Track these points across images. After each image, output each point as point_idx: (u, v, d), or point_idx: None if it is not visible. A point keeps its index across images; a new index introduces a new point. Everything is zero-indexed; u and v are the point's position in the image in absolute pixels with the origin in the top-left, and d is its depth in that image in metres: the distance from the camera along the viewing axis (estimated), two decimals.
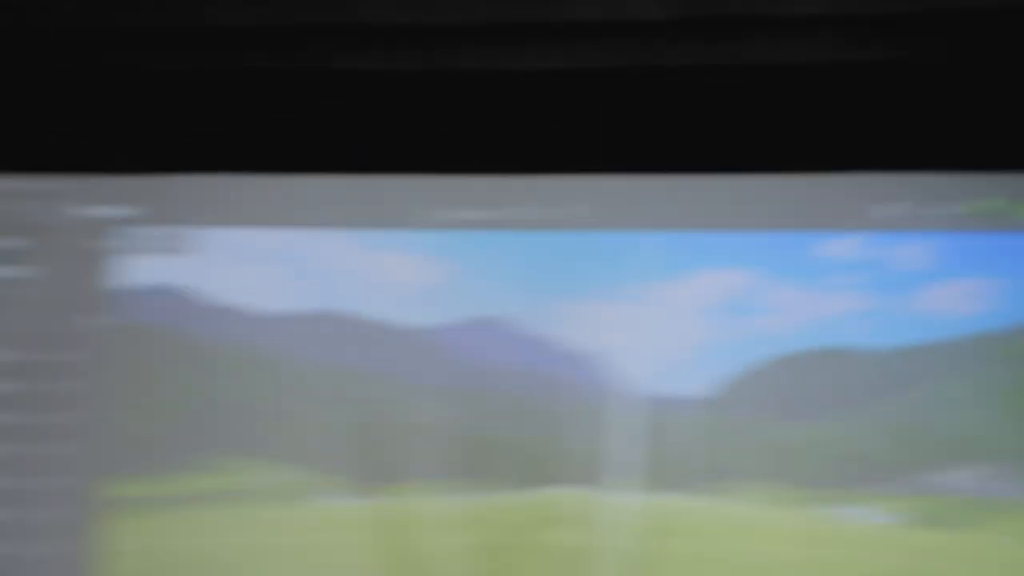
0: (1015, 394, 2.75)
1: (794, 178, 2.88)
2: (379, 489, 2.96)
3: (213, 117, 2.97)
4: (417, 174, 2.95)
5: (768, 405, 2.90)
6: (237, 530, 2.98)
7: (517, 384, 2.97)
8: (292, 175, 2.94)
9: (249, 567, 2.97)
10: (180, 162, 2.95)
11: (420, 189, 2.97)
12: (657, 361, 2.92)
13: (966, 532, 2.75)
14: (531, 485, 2.94)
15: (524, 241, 2.98)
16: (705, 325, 2.92)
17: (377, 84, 2.95)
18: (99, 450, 2.97)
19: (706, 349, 2.92)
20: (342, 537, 2.96)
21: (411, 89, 2.94)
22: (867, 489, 2.82)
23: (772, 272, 2.91)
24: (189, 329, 3.02)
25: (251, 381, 3.00)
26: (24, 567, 2.94)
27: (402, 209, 2.97)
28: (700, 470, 2.89)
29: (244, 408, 2.99)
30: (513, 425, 2.97)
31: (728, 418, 2.90)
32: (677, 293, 2.93)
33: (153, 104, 2.98)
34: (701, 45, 2.85)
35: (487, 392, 2.98)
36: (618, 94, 2.94)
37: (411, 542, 2.93)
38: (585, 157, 2.92)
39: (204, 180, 2.98)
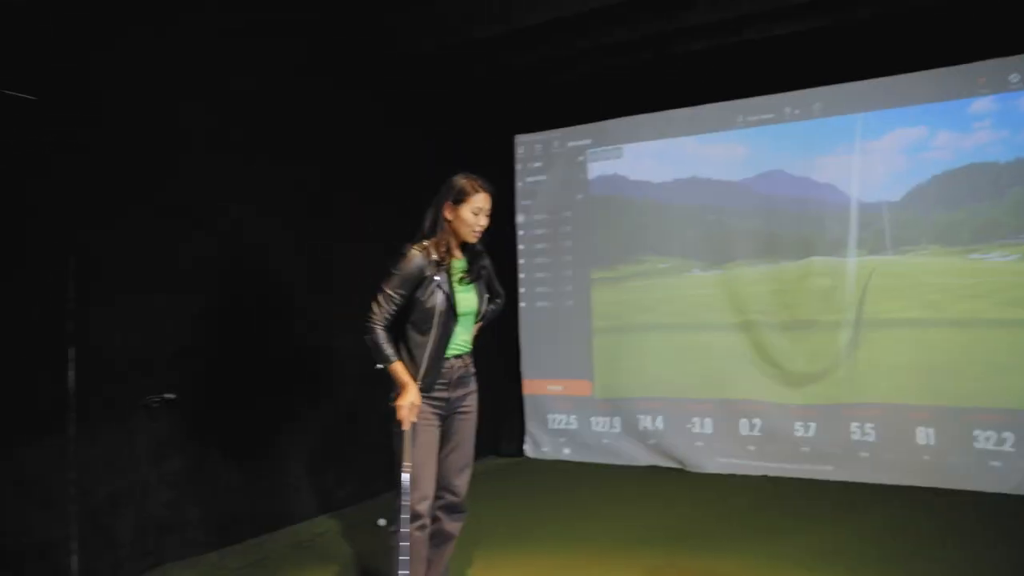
0: None
1: None
2: (719, 265, 5.68)
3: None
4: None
5: (936, 200, 5.01)
6: (652, 290, 5.94)
7: (792, 204, 5.43)
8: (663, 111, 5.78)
9: (661, 307, 5.90)
10: (610, 112, 5.96)
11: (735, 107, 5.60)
12: (871, 183, 5.17)
13: None
14: (801, 257, 5.41)
15: (791, 128, 5.42)
16: (898, 160, 5.10)
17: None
18: (585, 253, 6.15)
19: (899, 173, 5.10)
20: (702, 291, 5.75)
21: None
22: (1000, 242, 4.80)
23: (935, 125, 5.00)
24: (624, 194, 6.01)
25: (654, 213, 5.91)
26: (553, 313, 6.25)
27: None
28: (895, 241, 5.11)
29: (651, 227, 5.91)
30: (792, 225, 5.43)
31: (913, 209, 5.07)
32: (880, 144, 5.15)
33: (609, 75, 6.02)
34: None
35: (776, 209, 5.49)
36: None
37: (738, 291, 5.61)
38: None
39: (624, 119, 5.94)
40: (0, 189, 3.22)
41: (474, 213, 2.91)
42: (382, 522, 4.17)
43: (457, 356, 3.02)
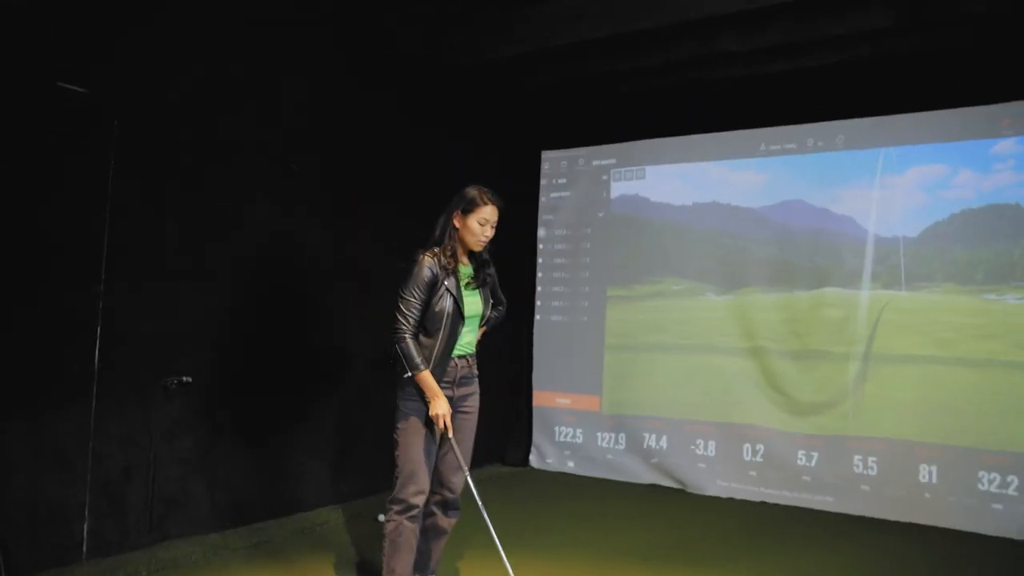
0: None
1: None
2: (733, 291, 5.74)
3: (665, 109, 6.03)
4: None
5: (953, 239, 5.02)
6: (666, 311, 6.00)
7: (809, 234, 5.48)
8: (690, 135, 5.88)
9: (673, 328, 5.96)
10: (636, 133, 6.07)
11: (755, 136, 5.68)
12: (889, 217, 5.20)
13: None
14: (815, 287, 5.45)
15: (812, 159, 5.47)
16: (918, 196, 5.13)
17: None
18: (602, 270, 6.25)
19: (918, 209, 5.13)
20: (714, 315, 5.80)
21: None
22: (1016, 283, 4.80)
23: (957, 163, 5.03)
24: (644, 214, 6.11)
25: (672, 235, 5.99)
26: (567, 328, 6.34)
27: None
28: (910, 277, 5.14)
29: (669, 248, 5.99)
30: (807, 255, 5.47)
31: (929, 246, 5.09)
32: (901, 180, 5.19)
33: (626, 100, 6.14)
34: None
35: (793, 238, 5.54)
36: None
37: (750, 317, 5.65)
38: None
39: (649, 141, 6.05)
40: (41, 179, 3.41)
41: (480, 224, 3.06)
42: (381, 518, 4.27)
43: (461, 356, 3.15)
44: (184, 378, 3.95)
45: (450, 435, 3.03)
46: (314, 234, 4.75)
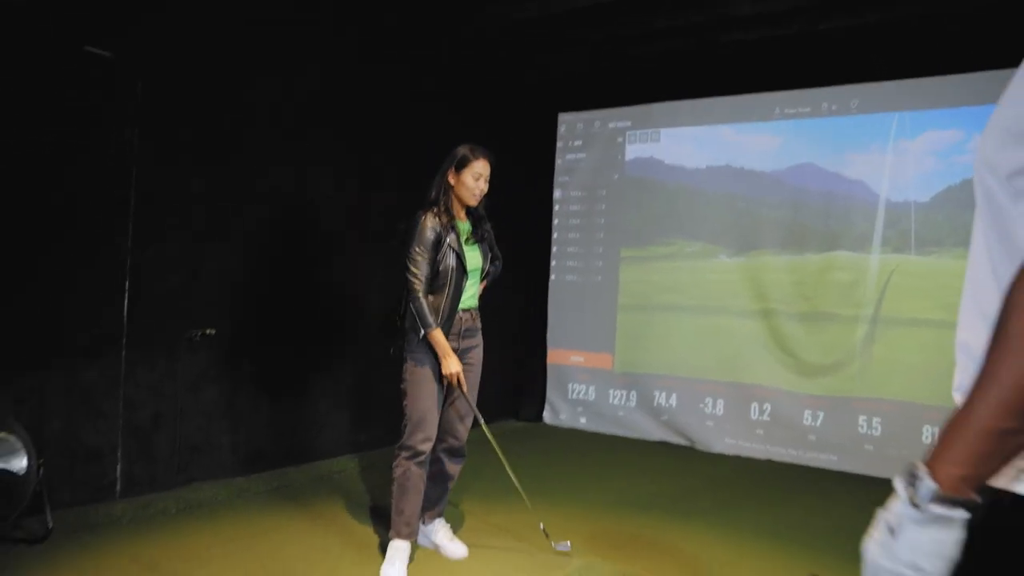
0: None
1: None
2: (745, 253, 5.83)
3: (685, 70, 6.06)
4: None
5: (965, 204, 5.05)
6: (678, 272, 6.12)
7: (821, 198, 5.54)
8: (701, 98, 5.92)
9: (686, 289, 6.08)
10: (652, 97, 6.12)
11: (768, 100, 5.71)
12: (901, 182, 5.25)
13: None
14: (825, 250, 5.52)
15: (827, 123, 5.51)
16: (931, 161, 5.16)
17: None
18: (617, 232, 6.36)
19: (930, 174, 5.16)
20: (726, 277, 5.91)
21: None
22: None
23: (971, 128, 5.04)
24: (659, 177, 6.19)
25: (686, 197, 6.07)
26: (581, 287, 6.48)
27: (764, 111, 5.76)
28: (920, 241, 5.19)
29: (682, 210, 6.08)
30: (819, 218, 5.55)
31: (940, 211, 5.13)
32: (914, 145, 5.22)
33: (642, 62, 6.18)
34: None
35: (805, 202, 5.61)
36: None
37: (761, 279, 5.75)
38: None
39: (664, 104, 6.10)
40: (73, 139, 3.59)
41: (474, 178, 3.21)
42: None
43: (465, 310, 3.31)
44: (208, 330, 4.15)
45: (464, 390, 3.21)
46: (336, 196, 4.90)
